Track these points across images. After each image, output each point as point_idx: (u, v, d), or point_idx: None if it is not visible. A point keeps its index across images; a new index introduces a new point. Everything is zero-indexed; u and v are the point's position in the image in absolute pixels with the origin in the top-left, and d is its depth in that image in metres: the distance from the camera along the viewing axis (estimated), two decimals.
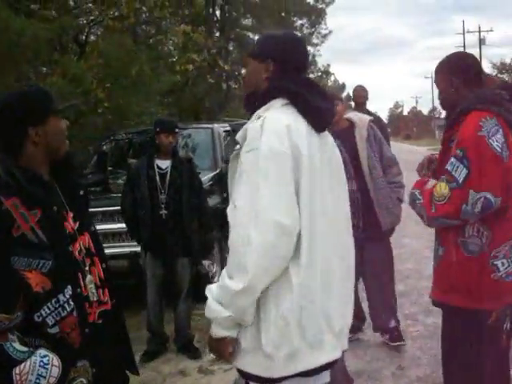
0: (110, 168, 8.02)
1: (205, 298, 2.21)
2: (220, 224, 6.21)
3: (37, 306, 2.03)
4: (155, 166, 5.18)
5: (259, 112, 2.17)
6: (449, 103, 3.03)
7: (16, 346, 1.99)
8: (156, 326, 5.30)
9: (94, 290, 2.22)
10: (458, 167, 2.75)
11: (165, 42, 14.55)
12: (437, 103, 3.31)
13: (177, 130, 5.25)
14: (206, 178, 6.52)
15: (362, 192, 4.71)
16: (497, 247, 2.80)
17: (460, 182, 2.73)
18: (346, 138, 4.61)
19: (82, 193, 2.38)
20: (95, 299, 2.23)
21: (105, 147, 8.74)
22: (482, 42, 52.20)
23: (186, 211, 5.15)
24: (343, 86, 64.98)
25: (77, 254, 2.20)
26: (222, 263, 6.69)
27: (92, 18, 11.02)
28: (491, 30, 64.42)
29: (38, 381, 1.98)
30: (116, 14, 10.53)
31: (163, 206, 5.11)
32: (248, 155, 2.07)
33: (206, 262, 6.30)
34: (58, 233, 2.14)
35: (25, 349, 2.00)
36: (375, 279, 5.03)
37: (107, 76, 11.08)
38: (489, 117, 2.76)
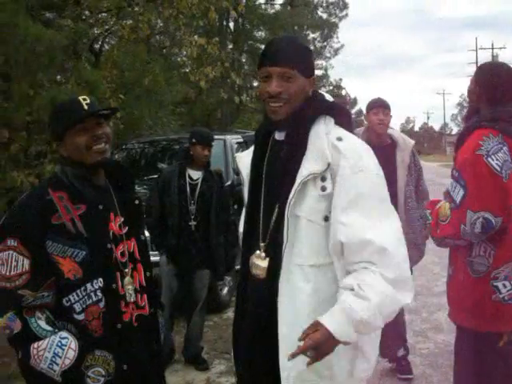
0: None
1: (212, 310, 2.20)
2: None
3: (66, 292, 2.20)
4: (187, 176, 5.14)
5: (331, 130, 2.10)
6: (470, 112, 2.97)
7: (40, 324, 2.15)
8: (165, 336, 5.24)
9: (131, 292, 2.33)
10: (455, 188, 2.74)
11: (178, 53, 14.64)
12: (448, 120, 3.30)
13: (213, 143, 5.16)
14: None
15: None
16: (497, 268, 2.74)
17: (457, 202, 2.71)
18: (385, 157, 4.13)
19: (137, 202, 2.52)
20: (132, 300, 2.33)
21: (117, 156, 8.78)
22: (494, 58, 52.09)
23: (214, 225, 5.10)
24: (355, 101, 65.18)
25: (119, 254, 2.32)
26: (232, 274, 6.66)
27: (107, 27, 11.09)
28: (504, 47, 64.87)
29: (53, 359, 2.12)
30: (131, 23, 10.62)
31: (192, 217, 5.07)
32: (359, 176, 2.02)
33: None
34: (99, 229, 2.29)
35: (49, 328, 2.16)
36: None
37: (121, 85, 11.14)
38: (492, 134, 2.71)
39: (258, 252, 2.17)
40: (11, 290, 2.14)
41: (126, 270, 2.33)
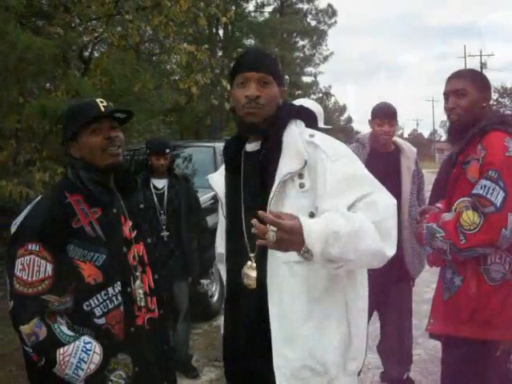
0: None
1: (201, 317, 2.20)
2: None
3: (87, 296, 2.21)
4: (151, 186, 4.99)
5: (303, 131, 2.18)
6: (470, 118, 2.82)
7: (63, 329, 2.15)
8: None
9: (142, 296, 2.35)
10: (493, 190, 2.59)
11: (168, 61, 14.63)
12: (437, 126, 3.21)
13: (167, 151, 4.97)
14: (206, 196, 6.49)
15: None
16: None
17: (498, 205, 2.56)
18: (390, 164, 4.10)
19: (142, 206, 2.47)
20: (143, 305, 2.35)
21: None
22: (483, 66, 52.38)
23: (185, 230, 5.00)
24: (344, 108, 65.33)
25: (131, 258, 2.35)
26: (222, 282, 6.64)
27: (96, 35, 11.08)
28: (492, 54, 65.23)
29: (79, 364, 2.13)
30: (120, 31, 10.62)
31: (164, 227, 4.95)
32: (339, 162, 2.07)
33: (204, 282, 6.24)
34: (114, 232, 2.30)
35: (71, 333, 2.16)
36: (395, 325, 4.40)
37: (110, 93, 11.12)
38: (509, 138, 2.67)
39: (249, 263, 2.14)
40: (35, 296, 2.13)
41: (137, 274, 2.35)
